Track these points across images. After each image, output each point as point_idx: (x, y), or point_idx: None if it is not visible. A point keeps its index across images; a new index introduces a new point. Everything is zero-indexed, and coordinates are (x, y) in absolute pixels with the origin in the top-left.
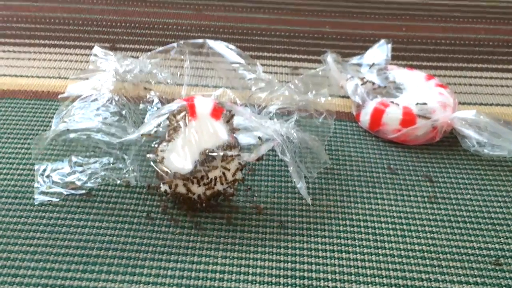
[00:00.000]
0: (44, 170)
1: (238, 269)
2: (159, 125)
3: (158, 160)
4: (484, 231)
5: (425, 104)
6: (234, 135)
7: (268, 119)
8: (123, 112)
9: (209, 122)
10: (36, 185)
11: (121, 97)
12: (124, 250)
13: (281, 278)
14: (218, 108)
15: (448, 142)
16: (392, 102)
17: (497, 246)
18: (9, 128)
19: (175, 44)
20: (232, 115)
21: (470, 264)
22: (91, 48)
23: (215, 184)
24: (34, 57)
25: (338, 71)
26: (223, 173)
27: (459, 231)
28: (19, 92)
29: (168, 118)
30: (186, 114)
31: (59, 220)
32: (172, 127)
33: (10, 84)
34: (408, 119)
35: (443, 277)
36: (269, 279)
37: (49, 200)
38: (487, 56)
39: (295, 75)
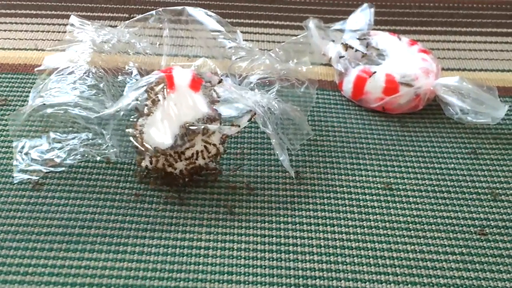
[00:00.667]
0: (23, 147)
1: (223, 244)
2: (137, 98)
3: (137, 135)
4: (469, 201)
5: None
6: (215, 107)
7: (248, 90)
8: (101, 85)
9: (188, 94)
10: (15, 162)
11: (98, 69)
12: (107, 228)
13: (266, 253)
14: (197, 79)
15: (431, 110)
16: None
17: (481, 215)
18: None
19: (153, 12)
20: (215, 85)
21: (455, 235)
22: (68, 17)
23: (196, 159)
24: (9, 28)
25: (320, 38)
26: (205, 147)
27: (443, 201)
28: None
29: (146, 91)
30: (165, 86)
31: (40, 199)
32: (151, 99)
33: None
34: (391, 87)
35: (428, 248)
36: (254, 254)
37: (28, 178)
38: (471, 19)
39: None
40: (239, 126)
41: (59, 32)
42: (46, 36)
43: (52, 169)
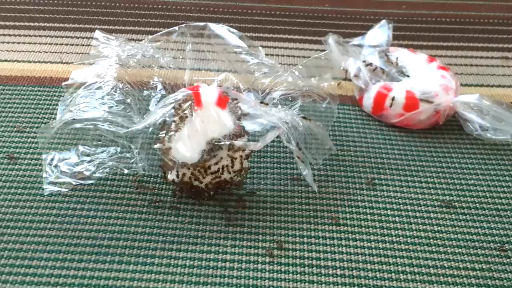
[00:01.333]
0: (52, 160)
1: (247, 257)
2: (165, 115)
3: (165, 150)
4: (489, 217)
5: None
6: (240, 123)
7: (273, 107)
8: (128, 100)
9: (215, 111)
10: (44, 175)
11: (125, 84)
12: (135, 240)
13: (290, 267)
14: (224, 97)
15: (451, 126)
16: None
17: (501, 232)
18: (14, 116)
19: (176, 28)
20: (239, 108)
21: (475, 251)
22: (92, 30)
23: (222, 173)
24: (35, 41)
25: (340, 53)
26: (230, 162)
27: (464, 217)
28: (22, 78)
29: (174, 108)
30: (192, 104)
31: (69, 211)
32: (178, 116)
33: (12, 69)
34: (411, 103)
35: (449, 263)
36: (278, 267)
37: (58, 190)
38: (487, 34)
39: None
40: (264, 142)
41: (83, 45)
42: (71, 49)
43: (81, 181)
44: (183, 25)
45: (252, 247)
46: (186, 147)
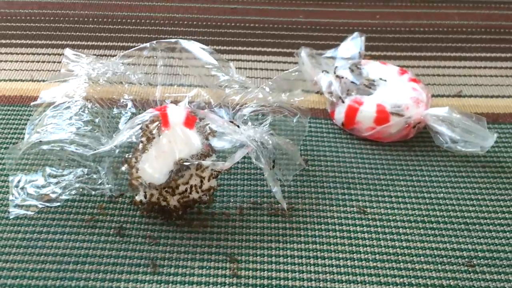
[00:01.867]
0: (19, 182)
1: (215, 279)
2: (132, 136)
3: (132, 172)
4: (457, 231)
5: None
6: (208, 142)
7: (242, 124)
8: (97, 120)
9: (182, 131)
10: (11, 197)
11: (94, 104)
12: (101, 264)
13: None
14: (191, 116)
15: (422, 138)
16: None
17: (469, 246)
18: None
19: (147, 44)
20: (207, 127)
21: (443, 267)
22: (64, 46)
23: (190, 193)
24: (5, 59)
25: (312, 67)
26: (199, 182)
27: (433, 231)
28: None
29: (141, 128)
30: (159, 124)
31: (35, 234)
32: (146, 137)
33: None
34: (382, 116)
35: (417, 280)
36: None
37: (24, 214)
38: (461, 43)
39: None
40: (232, 162)
41: (55, 62)
42: (42, 66)
43: (47, 204)
44: (155, 41)
45: (219, 268)
46: (153, 168)
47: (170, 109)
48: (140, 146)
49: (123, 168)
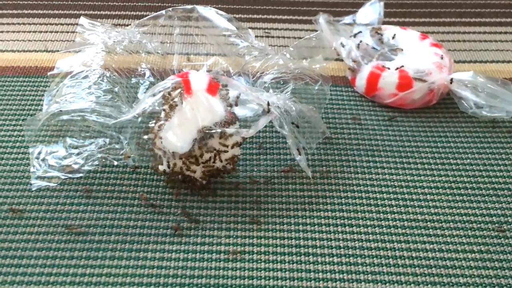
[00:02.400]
0: (39, 153)
1: (242, 248)
2: (154, 104)
3: (155, 140)
4: (486, 197)
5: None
6: (231, 110)
7: (264, 91)
8: (116, 89)
9: (205, 98)
10: (32, 169)
11: (112, 72)
12: (127, 234)
13: (286, 256)
14: (214, 83)
15: (445, 104)
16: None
17: (499, 212)
18: None
19: (163, 12)
20: (228, 92)
21: (473, 232)
22: (77, 16)
23: (214, 162)
24: (18, 29)
25: (331, 33)
26: (223, 150)
27: (461, 197)
28: (6, 68)
29: (163, 96)
30: (182, 91)
31: (59, 206)
32: (168, 105)
33: None
34: (405, 82)
35: (447, 246)
36: (274, 257)
37: (46, 185)
38: (480, 9)
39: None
40: (256, 129)
41: (68, 32)
42: (56, 36)
43: (70, 175)
44: (170, 8)
45: (246, 237)
46: (176, 136)
47: (192, 75)
48: (163, 114)
49: (146, 137)
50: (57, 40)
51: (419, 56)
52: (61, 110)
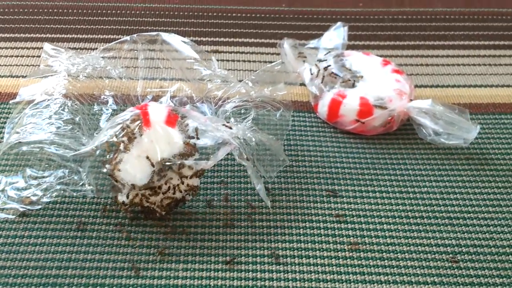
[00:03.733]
0: None
1: (200, 281)
2: (113, 136)
3: (114, 172)
4: (441, 226)
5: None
6: (189, 141)
7: (224, 120)
8: (77, 119)
9: (164, 130)
10: None
11: (74, 102)
12: (84, 268)
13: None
14: (173, 115)
15: (405, 131)
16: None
17: (453, 242)
18: None
19: (128, 37)
20: (187, 124)
21: (427, 263)
22: (43, 40)
23: (173, 193)
24: None
25: (295, 58)
26: (181, 181)
27: (417, 227)
28: None
29: (122, 128)
30: (140, 123)
31: (17, 239)
32: (127, 137)
33: None
34: (365, 110)
35: (401, 278)
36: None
37: (5, 217)
38: (443, 31)
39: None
40: (215, 160)
41: (34, 56)
42: (21, 61)
43: (29, 207)
44: (135, 34)
45: (204, 270)
46: (135, 168)
47: (151, 107)
48: (122, 146)
49: (105, 169)
50: (22, 65)
51: (380, 83)
52: (20, 141)
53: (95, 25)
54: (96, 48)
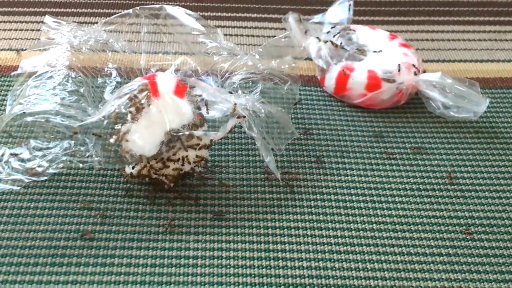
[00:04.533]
0: (2, 156)
1: (211, 253)
2: (120, 106)
3: (122, 143)
4: (453, 198)
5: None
6: (199, 111)
7: (233, 93)
8: (81, 90)
9: (173, 101)
10: None
11: (77, 73)
12: (93, 240)
13: (255, 261)
14: (181, 85)
15: (413, 104)
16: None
17: (466, 214)
18: None
19: (130, 11)
20: (196, 94)
21: (441, 235)
22: (42, 14)
23: (182, 165)
24: None
25: (300, 32)
26: (190, 152)
27: (429, 199)
28: None
29: (129, 98)
30: (149, 93)
31: (23, 210)
32: (135, 107)
33: None
34: (373, 83)
35: (415, 249)
36: (243, 262)
37: (10, 189)
38: (448, 7)
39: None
40: (224, 132)
41: (34, 30)
42: (21, 35)
43: (34, 178)
44: (138, 7)
45: (215, 241)
46: (143, 139)
47: (160, 77)
48: (129, 116)
49: (112, 140)
50: (22, 38)
51: (387, 57)
52: (24, 112)
53: None
54: (97, 23)
